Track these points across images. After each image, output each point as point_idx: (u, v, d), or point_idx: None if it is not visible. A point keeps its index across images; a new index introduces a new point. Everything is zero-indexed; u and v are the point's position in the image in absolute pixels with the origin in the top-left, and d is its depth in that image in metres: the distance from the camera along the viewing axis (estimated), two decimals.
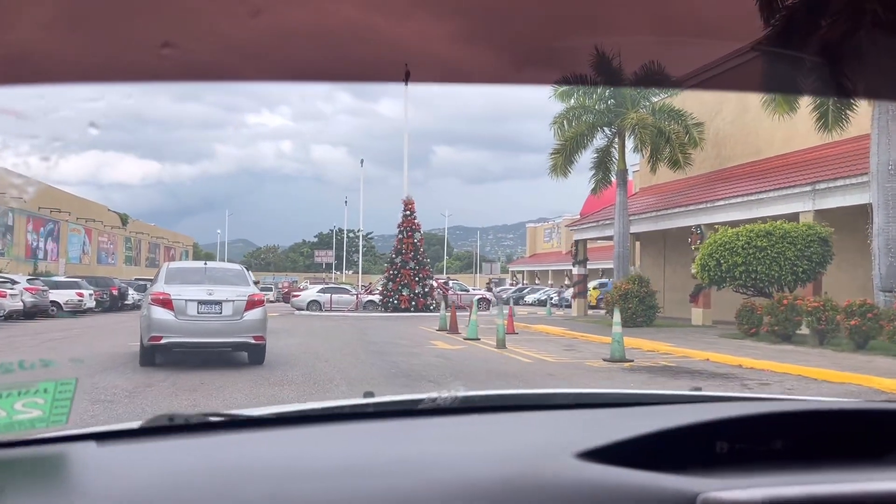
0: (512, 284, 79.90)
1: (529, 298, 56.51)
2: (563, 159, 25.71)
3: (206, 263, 13.55)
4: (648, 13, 1.12)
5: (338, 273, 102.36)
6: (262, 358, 12.29)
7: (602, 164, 26.81)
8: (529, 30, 1.10)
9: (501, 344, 17.15)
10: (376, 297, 41.22)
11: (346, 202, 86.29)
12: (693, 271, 21.50)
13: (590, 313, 33.64)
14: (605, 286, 50.85)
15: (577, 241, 32.65)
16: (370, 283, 47.12)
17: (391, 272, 39.26)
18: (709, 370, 13.06)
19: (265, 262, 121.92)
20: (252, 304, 11.93)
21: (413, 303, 38.49)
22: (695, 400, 1.73)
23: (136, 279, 49.11)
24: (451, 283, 45.62)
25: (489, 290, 55.41)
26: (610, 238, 30.68)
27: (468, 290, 45.64)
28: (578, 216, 65.25)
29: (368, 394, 1.71)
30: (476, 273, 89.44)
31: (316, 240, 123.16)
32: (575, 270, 33.01)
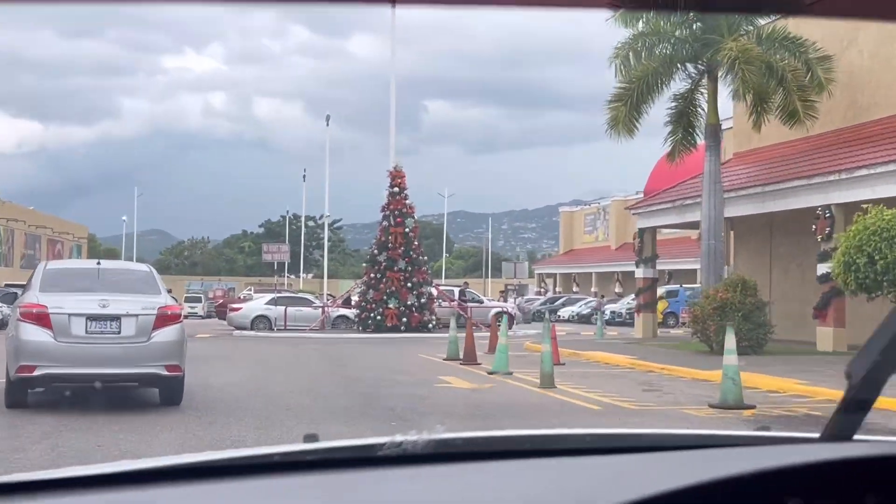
0: (540, 292, 79.02)
1: (566, 312, 55.51)
2: (629, 110, 24.56)
3: (99, 263, 13.52)
4: None
5: (292, 277, 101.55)
6: (180, 396, 12.33)
7: (683, 116, 25.74)
8: None
9: (548, 381, 16.20)
10: (350, 312, 40.20)
11: (304, 177, 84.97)
12: (826, 272, 20.37)
13: (659, 333, 32.59)
14: (676, 295, 50.08)
15: (642, 231, 31.56)
16: (348, 292, 45.94)
17: (372, 275, 38.20)
18: (877, 423, 11.91)
19: (190, 262, 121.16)
20: (164, 319, 11.90)
21: (404, 319, 37.43)
22: (760, 442, 1.79)
23: (7, 285, 48.01)
24: (467, 291, 44.55)
25: (504, 300, 54.32)
26: (691, 226, 29.59)
27: (482, 302, 44.54)
28: (641, 195, 64.08)
29: (310, 437, 1.78)
30: (486, 276, 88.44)
31: (262, 230, 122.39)
32: (640, 272, 31.92)
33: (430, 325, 37.97)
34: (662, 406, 14.00)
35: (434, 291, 39.60)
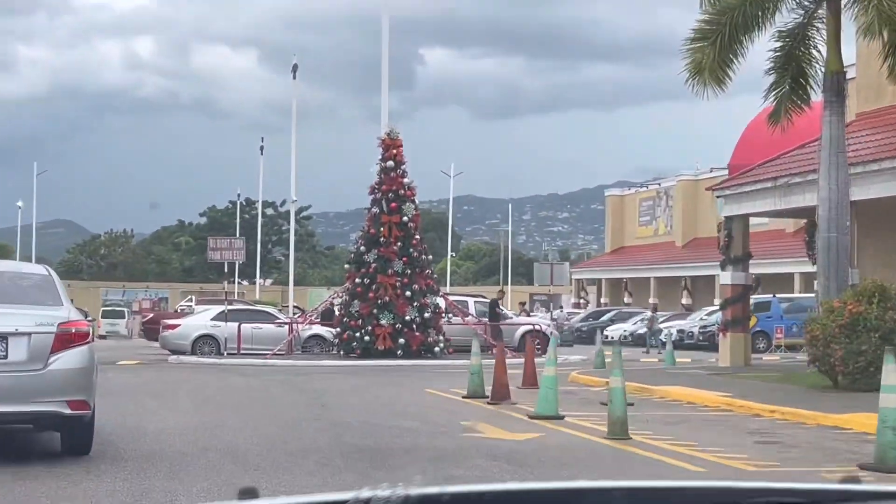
0: (578, 304, 78.09)
1: (615, 331, 54.31)
2: (717, 51, 23.58)
3: None
4: None
5: (245, 283, 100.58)
6: (89, 443, 12.32)
7: (791, 62, 24.76)
8: None
9: (620, 429, 15.28)
10: (327, 330, 39.28)
11: (261, 149, 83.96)
12: None
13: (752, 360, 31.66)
14: (768, 309, 49.16)
15: (730, 221, 30.56)
16: (324, 303, 45.02)
17: (358, 281, 37.21)
18: None
19: (108, 264, 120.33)
20: (66, 340, 11.80)
21: (401, 340, 36.45)
22: (848, 498, 1.95)
23: None
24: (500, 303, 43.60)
25: (526, 314, 53.36)
26: (800, 213, 28.61)
27: (508, 318, 43.58)
28: (724, 172, 62.23)
29: (247, 492, 1.94)
30: (504, 282, 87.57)
31: (205, 220, 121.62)
32: (726, 277, 30.92)
33: (437, 349, 37.03)
34: (789, 466, 13.11)
35: (442, 303, 38.61)
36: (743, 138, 37.15)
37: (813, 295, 51.21)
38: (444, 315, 38.30)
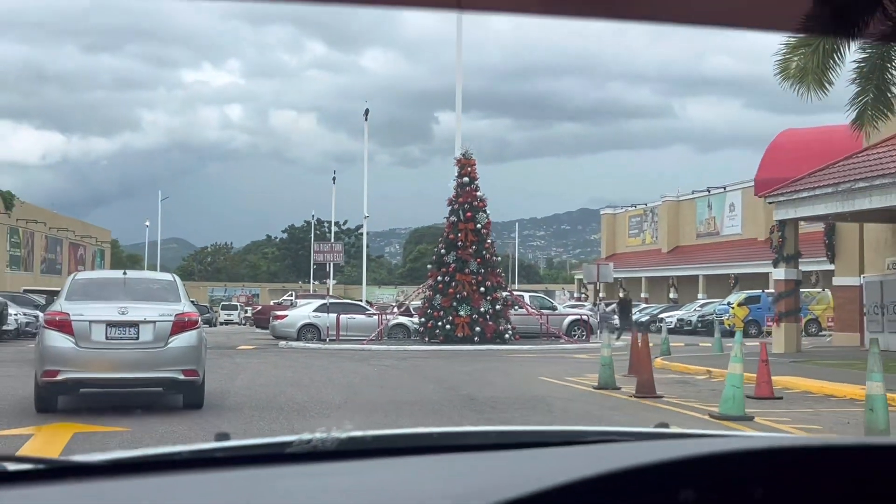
0: (579, 298, 72.43)
1: (669, 319, 47.37)
2: (822, 57, 18.01)
3: (125, 273, 13.85)
4: None
5: (316, 283, 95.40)
6: (201, 399, 12.27)
7: (874, 72, 19.21)
8: None
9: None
10: (409, 320, 33.74)
11: (333, 178, 78.42)
12: None
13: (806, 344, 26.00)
14: (758, 301, 43.41)
15: (783, 224, 24.93)
16: (408, 297, 39.60)
17: (439, 279, 31.64)
18: None
19: (214, 269, 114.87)
20: (180, 326, 11.98)
21: (478, 329, 30.85)
22: (659, 437, 1.78)
23: (25, 290, 44.71)
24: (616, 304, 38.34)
25: (575, 303, 47.60)
26: (858, 216, 23.07)
27: (555, 308, 37.90)
28: (705, 192, 57.34)
29: (222, 436, 1.77)
30: (511, 281, 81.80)
31: (286, 235, 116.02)
32: (779, 273, 25.30)
33: (507, 336, 31.49)
34: None
35: (509, 296, 33.00)
36: (766, 157, 31.49)
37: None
38: (511, 307, 32.67)
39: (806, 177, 24.47)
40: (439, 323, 31.28)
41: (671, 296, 60.37)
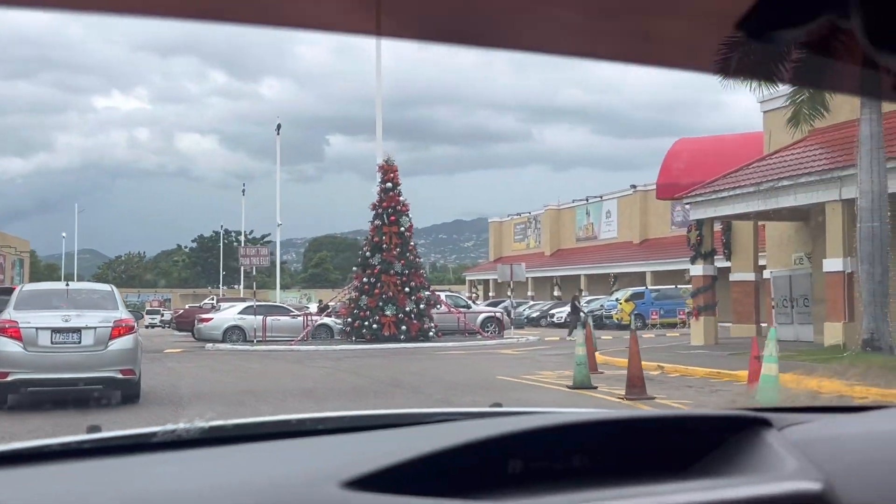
0: (471, 297, 70.24)
1: (559, 315, 45.29)
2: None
3: (68, 284, 13.95)
4: None
5: (224, 289, 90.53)
6: (138, 394, 12.20)
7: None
8: None
9: None
10: (332, 321, 30.65)
11: (243, 191, 74.57)
12: None
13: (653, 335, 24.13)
14: (643, 297, 41.96)
15: (699, 223, 23.02)
16: (332, 299, 36.41)
17: (365, 280, 28.71)
18: None
19: (127, 276, 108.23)
20: (118, 331, 11.94)
21: (404, 327, 28.05)
22: (492, 416, 1.75)
23: None
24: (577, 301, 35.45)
25: (489, 301, 45.13)
26: (788, 211, 21.31)
27: (470, 307, 35.36)
28: (584, 202, 56.00)
29: (93, 428, 1.67)
30: None
31: (195, 245, 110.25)
32: (697, 270, 23.37)
33: (431, 334, 28.80)
34: None
35: (432, 296, 30.29)
36: (666, 163, 29.67)
37: (670, 287, 44.84)
38: (434, 306, 29.96)
39: (722, 178, 22.59)
40: (366, 322, 28.33)
41: (555, 293, 58.79)
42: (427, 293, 29.62)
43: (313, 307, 39.18)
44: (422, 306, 28.78)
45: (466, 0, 0.96)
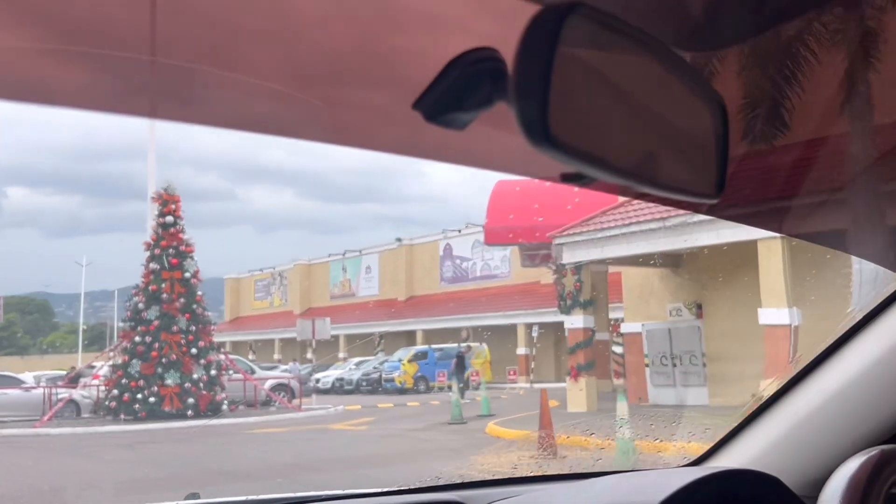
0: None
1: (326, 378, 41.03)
2: None
3: None
4: None
5: None
6: None
7: None
8: None
9: None
10: (79, 395, 23.66)
11: None
12: None
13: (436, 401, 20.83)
14: (426, 357, 38.39)
15: (578, 268, 19.85)
16: (78, 368, 28.76)
17: (138, 340, 22.33)
18: None
19: None
20: None
21: (191, 400, 22.01)
22: None
23: None
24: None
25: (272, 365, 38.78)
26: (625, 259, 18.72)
27: (254, 371, 29.46)
28: (390, 245, 51.41)
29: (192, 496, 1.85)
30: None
31: None
32: (577, 322, 20.01)
33: (224, 407, 22.92)
34: None
35: (224, 358, 24.39)
36: (491, 206, 26.45)
37: (452, 346, 41.68)
38: (226, 371, 24.05)
39: (601, 214, 19.62)
40: (139, 395, 21.88)
41: (308, 356, 53.65)
42: (220, 356, 23.76)
43: (29, 378, 31.00)
44: (213, 372, 22.86)
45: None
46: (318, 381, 37.21)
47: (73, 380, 25.70)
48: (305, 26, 0.95)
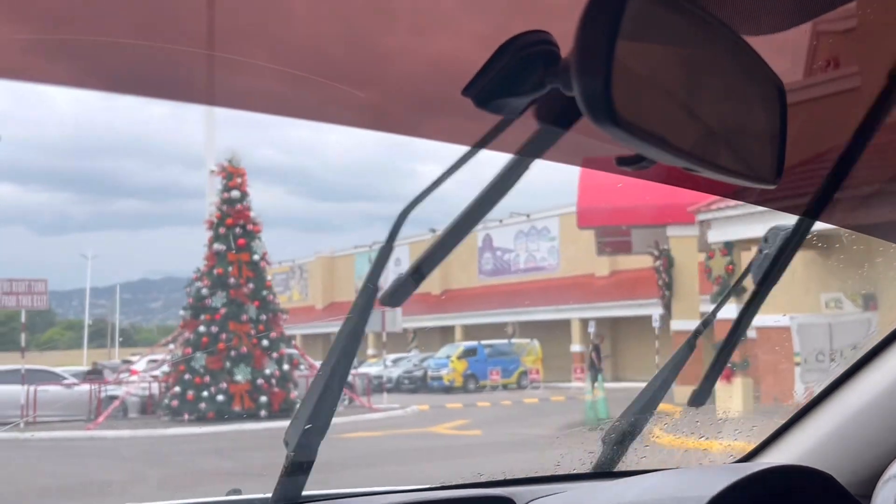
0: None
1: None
2: None
3: None
4: None
5: None
6: None
7: None
8: None
9: None
10: (124, 392, 20.83)
11: None
12: None
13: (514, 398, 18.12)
14: (475, 353, 35.61)
15: (727, 247, 17.19)
16: (131, 360, 25.83)
17: (201, 330, 19.48)
18: None
19: None
20: None
21: (264, 398, 19.18)
22: None
23: None
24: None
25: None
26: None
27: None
28: (367, 248, 49.10)
29: (233, 492, 1.74)
30: (112, 345, 66.59)
31: None
32: (731, 310, 17.22)
33: (297, 406, 20.07)
34: None
35: (294, 351, 21.55)
36: (583, 185, 23.70)
37: (503, 342, 38.89)
38: (297, 367, 21.23)
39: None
40: (204, 393, 19.03)
41: (368, 351, 51.13)
42: (292, 350, 20.93)
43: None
44: (286, 367, 20.03)
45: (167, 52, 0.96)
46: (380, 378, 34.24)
47: (96, 375, 22.74)
48: (294, 23, 0.96)
